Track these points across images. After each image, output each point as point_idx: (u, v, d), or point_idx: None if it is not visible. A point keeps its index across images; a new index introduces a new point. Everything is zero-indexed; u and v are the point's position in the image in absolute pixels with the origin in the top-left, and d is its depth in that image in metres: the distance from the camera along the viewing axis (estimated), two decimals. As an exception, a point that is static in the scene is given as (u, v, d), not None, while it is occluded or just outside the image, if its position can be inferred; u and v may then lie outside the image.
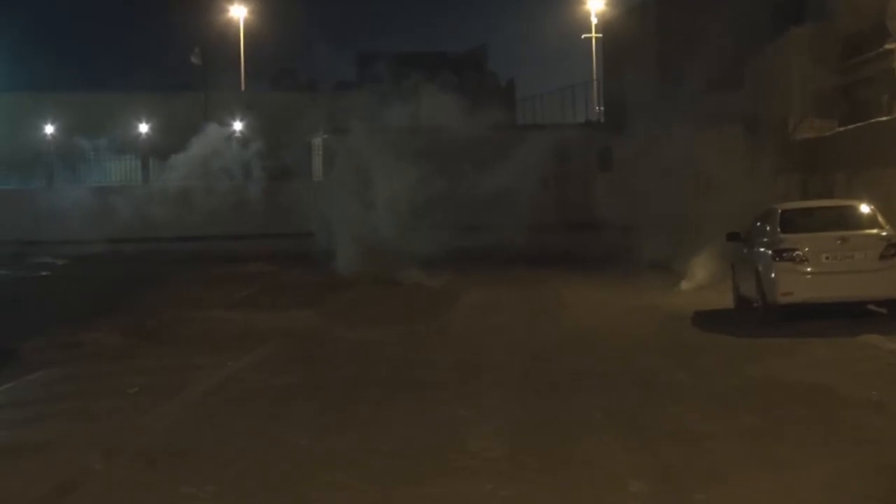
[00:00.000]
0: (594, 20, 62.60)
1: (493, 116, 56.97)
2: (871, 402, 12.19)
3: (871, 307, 18.77)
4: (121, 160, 61.27)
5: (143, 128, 65.50)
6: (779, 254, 18.34)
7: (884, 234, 18.47)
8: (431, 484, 9.23)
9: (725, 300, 21.81)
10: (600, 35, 62.23)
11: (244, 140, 57.51)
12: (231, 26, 67.71)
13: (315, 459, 10.31)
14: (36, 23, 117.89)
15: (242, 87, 64.53)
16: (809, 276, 18.15)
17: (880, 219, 18.99)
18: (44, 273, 37.43)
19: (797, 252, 18.20)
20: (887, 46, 27.95)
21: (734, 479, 9.16)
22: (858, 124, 27.38)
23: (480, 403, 12.94)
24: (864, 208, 19.35)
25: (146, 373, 15.74)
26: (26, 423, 12.44)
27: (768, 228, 19.49)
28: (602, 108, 61.13)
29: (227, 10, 66.06)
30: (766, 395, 12.80)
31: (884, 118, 26.37)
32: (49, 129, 65.39)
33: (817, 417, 11.56)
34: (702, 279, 25.86)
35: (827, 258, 18.18)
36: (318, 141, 52.71)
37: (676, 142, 39.95)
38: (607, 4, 60.78)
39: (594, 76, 63.71)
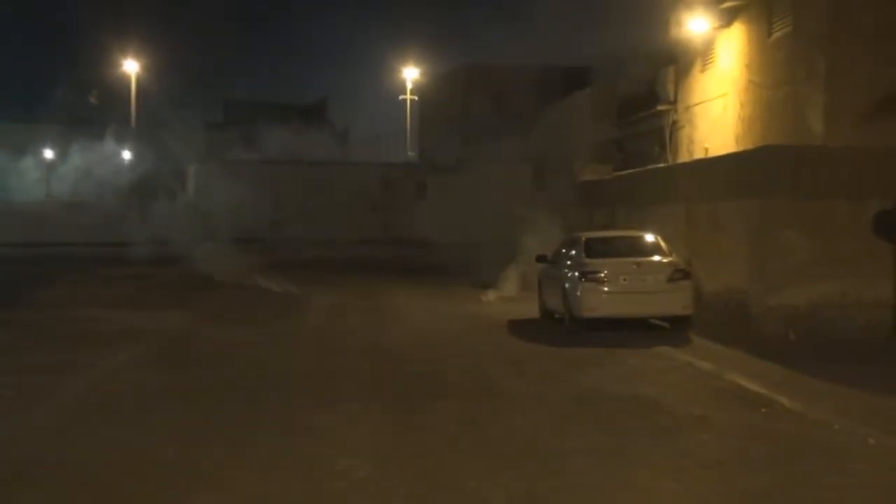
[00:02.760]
0: (408, 85, 61.20)
1: (331, 155, 56.16)
2: (695, 416, 10.37)
3: (656, 322, 17.19)
4: (29, 179, 57.61)
5: (48, 153, 61.87)
6: (584, 275, 16.67)
7: (670, 260, 17.07)
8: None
9: (529, 310, 20.14)
10: (415, 97, 61.07)
11: (131, 166, 55.36)
12: (126, 75, 64.33)
13: (181, 477, 7.96)
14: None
15: (133, 123, 61.24)
16: (610, 295, 16.52)
17: (664, 246, 17.62)
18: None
19: (600, 274, 16.55)
20: (659, 108, 26.84)
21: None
22: (636, 170, 26.23)
23: (342, 412, 10.63)
24: (653, 238, 17.93)
25: (23, 371, 12.92)
26: None
27: (574, 253, 17.85)
28: (415, 152, 60.46)
29: (122, 64, 62.46)
30: (601, 408, 10.88)
31: (657, 165, 25.31)
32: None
33: (654, 433, 9.66)
34: (504, 292, 24.26)
35: (624, 280, 16.63)
36: (191, 168, 50.58)
37: (477, 178, 39.17)
38: (421, 73, 59.64)
39: (408, 127, 62.56)
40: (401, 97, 63.67)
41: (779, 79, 19.76)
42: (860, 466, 8.40)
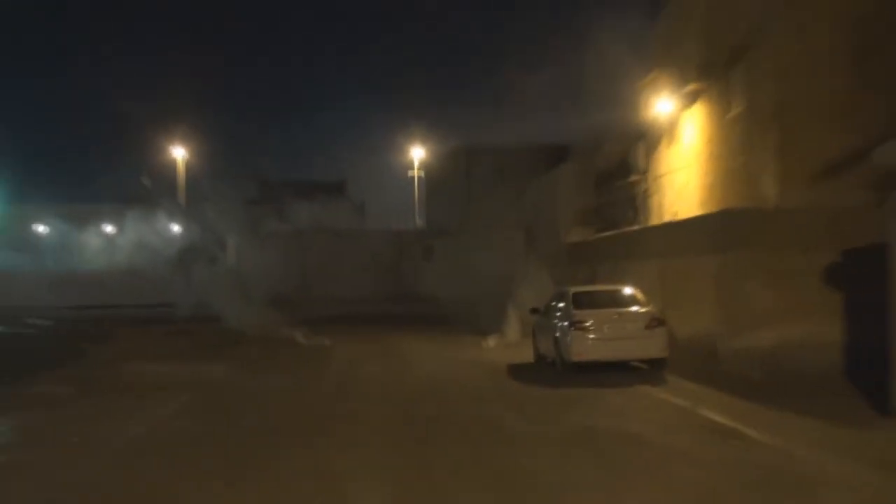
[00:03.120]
0: (415, 163, 61.40)
1: (351, 225, 56.33)
2: (677, 449, 10.08)
3: (635, 363, 16.80)
4: (91, 250, 57.64)
5: (109, 228, 61.72)
6: (573, 325, 16.38)
7: (647, 310, 16.82)
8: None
9: (525, 355, 19.84)
10: (422, 172, 61.24)
11: (179, 237, 55.50)
12: (174, 159, 64.66)
13: None
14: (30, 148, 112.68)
15: (181, 200, 61.33)
16: (595, 342, 16.24)
17: (641, 297, 17.38)
18: (30, 331, 33.28)
19: (586, 323, 16.28)
20: (632, 178, 26.75)
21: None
22: (614, 232, 26.05)
23: (364, 453, 10.29)
24: (632, 290, 17.71)
25: (87, 420, 12.63)
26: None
27: (563, 305, 17.54)
28: (422, 220, 60.35)
29: (171, 150, 62.80)
30: (594, 444, 10.55)
31: (632, 227, 25.11)
32: (42, 228, 61.61)
33: (642, 466, 9.37)
34: (502, 339, 24.01)
35: (608, 328, 16.34)
36: (231, 239, 50.55)
37: (477, 241, 39.28)
38: (426, 152, 59.77)
39: (416, 199, 62.73)
40: (409, 173, 64.03)
41: (736, 150, 19.64)
42: (824, 492, 8.14)
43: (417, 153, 61.43)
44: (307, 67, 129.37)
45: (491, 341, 23.90)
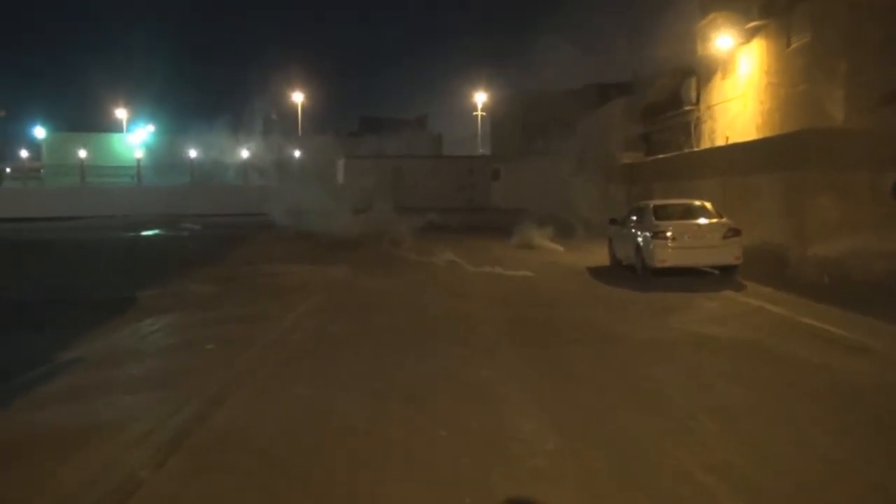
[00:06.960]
0: (479, 105, 58.24)
1: (431, 151, 53.90)
2: (815, 364, 7.49)
3: (707, 269, 14.07)
4: (230, 171, 55.68)
5: (245, 153, 59.50)
6: (656, 234, 13.67)
7: (723, 221, 13.96)
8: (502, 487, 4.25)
9: (596, 259, 17.19)
10: (485, 112, 58.22)
11: (299, 161, 53.62)
12: (294, 100, 62.42)
13: (373, 451, 5.15)
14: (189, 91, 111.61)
15: (299, 132, 59.15)
16: (676, 249, 13.53)
17: (713, 210, 14.50)
18: (184, 234, 31.48)
19: (667, 233, 13.58)
20: (685, 109, 23.39)
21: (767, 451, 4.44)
22: (672, 154, 22.92)
23: (496, 362, 7.81)
24: (706, 205, 14.79)
25: (227, 322, 10.31)
26: (103, 392, 6.75)
27: (643, 217, 14.76)
28: (486, 149, 57.44)
29: (292, 94, 60.60)
30: (714, 352, 8.01)
31: (691, 150, 21.99)
32: (192, 153, 59.60)
33: (791, 388, 6.76)
34: (570, 245, 21.29)
35: (687, 238, 13.62)
36: (340, 162, 48.41)
37: (535, 165, 36.53)
38: (490, 94, 56.79)
39: (479, 132, 59.68)
40: (475, 113, 60.95)
41: (796, 79, 16.43)
42: None
43: (481, 97, 58.30)
44: (396, 25, 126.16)
45: (560, 246, 21.21)
